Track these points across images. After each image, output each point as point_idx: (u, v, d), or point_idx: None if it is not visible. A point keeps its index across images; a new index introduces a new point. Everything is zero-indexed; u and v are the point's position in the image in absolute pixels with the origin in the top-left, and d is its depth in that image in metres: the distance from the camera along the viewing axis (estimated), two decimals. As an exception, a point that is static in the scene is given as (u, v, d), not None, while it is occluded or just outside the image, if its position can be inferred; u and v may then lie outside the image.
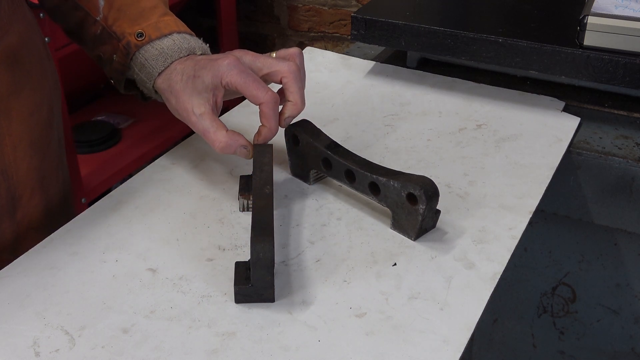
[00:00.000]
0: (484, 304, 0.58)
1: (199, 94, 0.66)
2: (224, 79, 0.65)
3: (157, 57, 0.69)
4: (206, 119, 0.65)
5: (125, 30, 0.70)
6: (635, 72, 0.82)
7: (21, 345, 0.55)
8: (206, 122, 0.65)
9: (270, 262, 0.57)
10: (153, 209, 0.70)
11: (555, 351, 0.99)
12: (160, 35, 0.70)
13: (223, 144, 0.65)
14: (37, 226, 0.73)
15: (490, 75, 0.96)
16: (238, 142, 0.66)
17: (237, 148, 0.66)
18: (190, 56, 0.69)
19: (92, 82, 1.99)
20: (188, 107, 0.66)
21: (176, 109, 0.67)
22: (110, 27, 0.71)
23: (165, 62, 0.69)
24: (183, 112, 0.66)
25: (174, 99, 0.67)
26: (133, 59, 0.70)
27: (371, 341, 0.55)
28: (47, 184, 0.75)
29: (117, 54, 0.71)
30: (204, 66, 0.66)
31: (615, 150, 0.82)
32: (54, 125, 0.77)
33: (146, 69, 0.69)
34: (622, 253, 0.89)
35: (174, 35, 0.70)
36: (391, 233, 0.67)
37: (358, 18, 0.94)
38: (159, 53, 0.69)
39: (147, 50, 0.69)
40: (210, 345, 0.55)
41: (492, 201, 0.71)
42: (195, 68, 0.66)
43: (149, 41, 0.70)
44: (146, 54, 0.69)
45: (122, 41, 0.70)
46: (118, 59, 0.71)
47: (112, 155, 1.77)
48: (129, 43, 0.70)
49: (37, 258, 0.64)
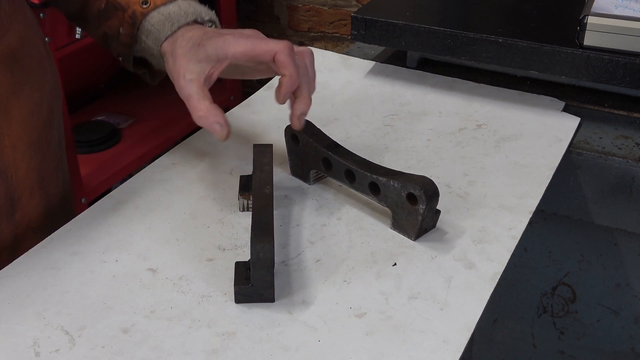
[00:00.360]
0: (484, 304, 0.58)
1: (197, 62, 0.65)
2: (229, 51, 0.64)
3: (163, 22, 0.68)
4: (194, 86, 0.64)
5: (130, 0, 0.70)
6: (635, 72, 0.82)
7: (21, 345, 0.55)
8: (193, 89, 0.64)
9: (270, 262, 0.57)
10: (153, 209, 0.70)
11: (555, 351, 0.99)
12: (165, 1, 0.70)
13: (202, 112, 0.63)
14: (36, 227, 0.73)
15: (490, 75, 0.96)
16: (216, 118, 0.63)
17: (214, 123, 0.64)
18: (198, 25, 0.69)
19: (92, 82, 1.99)
20: (181, 71, 0.65)
21: (171, 70, 0.66)
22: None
23: (172, 26, 0.68)
24: (175, 74, 0.65)
25: (172, 60, 0.66)
26: (140, 27, 0.70)
27: (371, 341, 0.55)
28: (47, 185, 0.75)
29: (124, 26, 0.70)
30: (211, 37, 0.65)
31: (615, 150, 0.82)
32: (54, 125, 0.76)
33: (153, 35, 0.69)
34: (622, 253, 0.89)
35: (179, 1, 0.70)
36: (391, 233, 0.67)
37: (358, 18, 0.94)
38: (165, 18, 0.68)
39: (153, 17, 0.69)
40: (210, 345, 0.55)
41: (492, 201, 0.71)
42: (203, 37, 0.65)
43: (154, 7, 0.69)
44: (152, 20, 0.69)
45: (128, 11, 0.70)
46: (125, 31, 0.70)
47: (112, 155, 1.77)
48: (135, 12, 0.69)
49: (37, 258, 0.64)
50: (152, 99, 2.02)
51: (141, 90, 2.07)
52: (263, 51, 0.64)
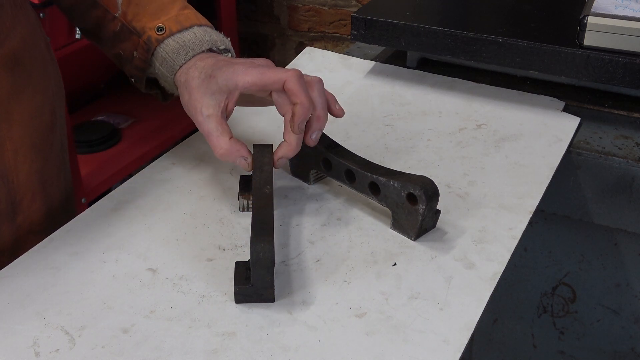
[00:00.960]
0: (484, 304, 0.58)
1: (211, 95, 0.65)
2: (239, 81, 0.64)
3: (178, 50, 0.68)
4: (212, 121, 0.65)
5: (146, 25, 0.69)
6: (635, 72, 0.82)
7: (21, 345, 0.55)
8: (212, 125, 0.65)
9: (270, 262, 0.57)
10: (153, 209, 0.70)
11: (555, 351, 0.99)
12: (181, 28, 0.69)
13: (224, 151, 0.65)
14: (38, 229, 0.72)
15: (490, 75, 0.96)
16: (239, 152, 0.65)
17: (237, 158, 0.66)
18: (212, 54, 0.69)
19: (92, 82, 1.99)
20: (197, 106, 0.65)
21: (187, 105, 0.67)
22: (130, 23, 0.70)
23: (186, 55, 0.68)
24: (192, 110, 0.66)
25: (187, 94, 0.66)
26: (154, 54, 0.69)
27: (371, 341, 0.55)
28: (48, 188, 0.74)
29: (138, 50, 0.70)
30: (221, 67, 0.65)
31: (615, 150, 0.82)
32: (57, 128, 0.76)
33: (167, 63, 0.69)
34: (622, 253, 0.89)
35: (195, 29, 0.69)
36: (391, 233, 0.67)
37: (358, 18, 0.94)
38: (180, 46, 0.68)
39: (168, 44, 0.69)
40: (210, 345, 0.55)
41: (492, 201, 0.71)
42: (214, 68, 0.65)
43: (170, 35, 0.69)
44: (167, 48, 0.69)
45: (143, 36, 0.69)
46: (139, 55, 0.70)
47: (112, 155, 1.77)
48: (150, 38, 0.69)
49: (37, 258, 0.64)
50: (152, 99, 2.01)
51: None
52: (272, 80, 0.64)
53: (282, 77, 0.63)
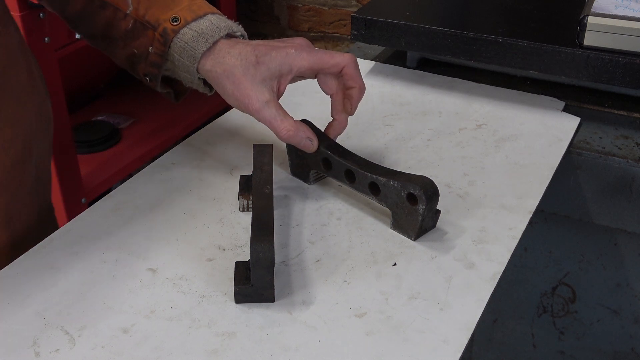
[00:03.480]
0: (484, 304, 0.58)
1: (263, 81, 0.65)
2: (294, 65, 0.65)
3: (197, 38, 0.67)
4: (272, 107, 0.65)
5: (159, 18, 0.68)
6: (635, 72, 0.82)
7: (21, 345, 0.55)
8: (272, 110, 0.65)
9: (270, 262, 0.57)
10: (153, 209, 0.70)
11: (555, 351, 0.99)
12: (195, 17, 0.68)
13: (291, 132, 0.66)
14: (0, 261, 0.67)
15: (490, 75, 0.96)
16: (305, 133, 0.67)
17: (303, 139, 0.67)
18: (235, 39, 0.68)
19: (92, 82, 1.99)
20: (251, 94, 0.65)
21: (234, 95, 0.66)
22: (143, 18, 0.68)
23: (206, 42, 0.66)
24: (244, 99, 0.65)
25: (231, 84, 0.65)
26: (171, 45, 0.68)
27: (371, 341, 0.55)
28: (15, 223, 0.70)
29: (154, 45, 0.68)
30: (267, 53, 0.65)
31: (615, 150, 0.82)
32: (32, 162, 0.71)
33: (187, 52, 0.67)
34: (622, 253, 0.89)
35: (209, 16, 0.68)
36: (391, 233, 0.67)
37: (358, 18, 0.94)
38: (198, 34, 0.67)
39: (185, 34, 0.67)
40: (210, 345, 0.55)
41: (492, 201, 0.71)
42: (257, 54, 0.65)
43: (185, 24, 0.67)
44: (185, 37, 0.67)
45: (158, 29, 0.68)
46: (155, 50, 0.68)
47: (112, 155, 1.76)
48: (166, 29, 0.67)
49: (37, 258, 0.64)
50: (152, 99, 2.02)
51: (141, 90, 2.07)
52: (330, 65, 0.67)
53: (340, 62, 0.67)
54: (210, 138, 0.82)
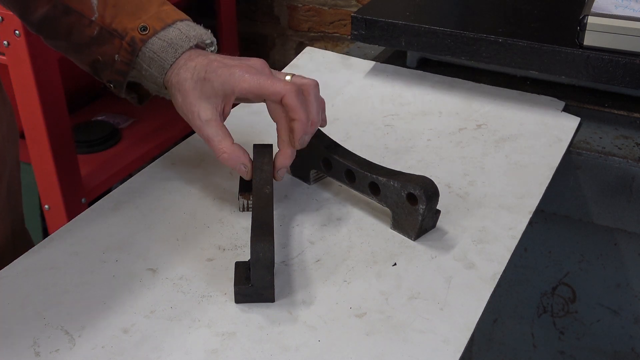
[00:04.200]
0: (484, 304, 0.58)
1: (207, 99, 0.64)
2: (236, 88, 0.63)
3: (166, 48, 0.66)
4: (212, 126, 0.64)
5: (127, 26, 0.66)
6: (635, 72, 0.82)
7: (21, 345, 0.55)
8: (212, 130, 0.64)
9: (270, 262, 0.57)
10: (153, 209, 0.70)
11: (555, 351, 0.99)
12: (164, 25, 0.67)
13: (227, 155, 0.64)
14: None
15: (490, 75, 0.96)
16: (240, 159, 0.65)
17: (238, 164, 0.65)
18: (200, 51, 0.67)
19: (92, 82, 1.98)
20: (194, 110, 0.64)
21: (182, 108, 0.65)
22: (110, 26, 0.67)
23: (175, 53, 0.66)
24: (188, 114, 0.64)
25: (181, 97, 0.65)
26: (139, 55, 0.67)
27: (371, 341, 0.55)
28: None
29: (120, 53, 0.67)
30: (215, 70, 0.64)
31: (615, 150, 0.82)
32: (6, 174, 0.71)
33: (156, 63, 0.66)
34: (622, 253, 0.89)
35: (178, 24, 0.67)
36: (391, 233, 0.67)
37: (358, 18, 0.94)
38: (167, 44, 0.66)
39: (154, 43, 0.66)
40: (210, 345, 0.55)
41: (492, 201, 0.71)
42: (207, 70, 0.64)
43: (154, 33, 0.66)
44: (153, 47, 0.66)
45: (126, 38, 0.66)
46: (121, 58, 0.67)
47: (112, 155, 1.76)
48: (134, 39, 0.66)
49: (37, 258, 0.64)
50: (152, 99, 2.02)
51: (141, 90, 2.07)
52: (269, 92, 0.63)
53: (279, 91, 0.63)
54: (210, 138, 0.82)
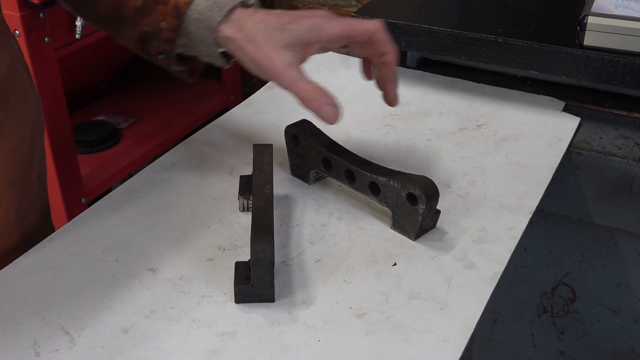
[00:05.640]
0: (484, 304, 0.58)
1: (287, 47, 0.62)
2: (323, 35, 0.63)
3: (211, 7, 0.64)
4: (296, 70, 0.62)
5: None
6: (635, 72, 0.82)
7: (21, 345, 0.55)
8: (295, 72, 0.62)
9: (270, 262, 0.57)
10: (153, 209, 0.70)
11: (555, 351, 0.99)
12: None
13: (313, 94, 0.61)
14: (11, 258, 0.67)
15: (490, 75, 0.96)
16: (328, 99, 0.62)
17: (324, 104, 0.61)
18: (258, 9, 0.65)
19: (92, 82, 1.99)
20: (273, 57, 0.61)
21: (254, 58, 0.63)
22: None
23: (220, 11, 0.64)
24: (265, 62, 0.62)
25: (252, 47, 0.62)
26: (185, 18, 0.65)
27: (371, 341, 0.55)
28: (25, 222, 0.71)
29: (166, 19, 0.66)
30: (293, 21, 0.63)
31: (615, 150, 0.82)
32: (35, 161, 0.72)
33: (203, 23, 0.65)
34: (622, 253, 0.89)
35: None
36: (391, 233, 0.67)
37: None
38: (212, 4, 0.64)
39: (199, 4, 0.65)
40: (210, 345, 0.55)
41: (492, 201, 0.71)
42: (281, 22, 0.63)
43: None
44: (198, 8, 0.65)
45: (170, 3, 0.65)
46: (167, 25, 0.66)
47: (112, 155, 1.77)
48: (178, 3, 0.65)
49: (37, 258, 0.64)
50: (152, 99, 2.02)
51: (141, 90, 2.07)
52: (360, 32, 0.64)
53: (369, 28, 0.64)
54: (210, 138, 0.82)
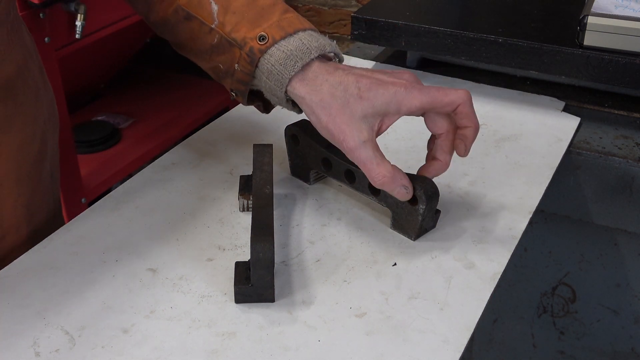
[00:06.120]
0: (484, 304, 0.58)
1: (364, 119, 0.59)
2: (404, 105, 0.60)
3: (285, 60, 0.61)
4: (369, 148, 0.59)
5: (246, 36, 0.63)
6: (635, 72, 0.82)
7: (21, 345, 0.55)
8: (369, 152, 0.59)
9: (270, 262, 0.57)
10: (153, 209, 0.70)
11: (555, 351, 0.99)
12: (285, 35, 0.62)
13: (387, 179, 0.60)
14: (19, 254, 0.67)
15: (490, 75, 0.96)
16: (402, 181, 0.61)
17: (398, 186, 0.61)
18: (337, 65, 0.63)
19: (92, 82, 1.99)
20: (347, 131, 0.59)
21: (328, 127, 0.60)
22: (229, 34, 0.63)
23: (295, 65, 0.61)
24: (338, 134, 0.60)
25: (326, 115, 0.60)
26: (258, 65, 0.63)
27: (371, 341, 0.55)
28: (35, 219, 0.71)
29: (240, 63, 0.63)
30: (372, 89, 0.60)
31: (615, 150, 0.82)
32: (47, 158, 0.72)
33: (274, 76, 0.62)
34: (622, 253, 0.89)
35: (300, 34, 0.63)
36: (391, 233, 0.67)
37: (358, 18, 0.94)
38: (286, 56, 0.61)
39: (273, 54, 0.62)
40: (210, 345, 0.55)
41: (492, 201, 0.71)
42: (360, 87, 0.60)
43: (273, 43, 0.62)
44: (272, 59, 0.62)
45: (245, 48, 0.62)
46: (241, 68, 0.63)
47: (112, 155, 1.77)
48: (252, 49, 0.62)
49: (37, 258, 0.64)
50: (152, 99, 2.02)
51: (141, 90, 2.07)
52: (444, 104, 0.61)
53: (455, 100, 0.61)
54: (210, 138, 0.82)
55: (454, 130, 0.63)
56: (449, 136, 0.63)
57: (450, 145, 0.64)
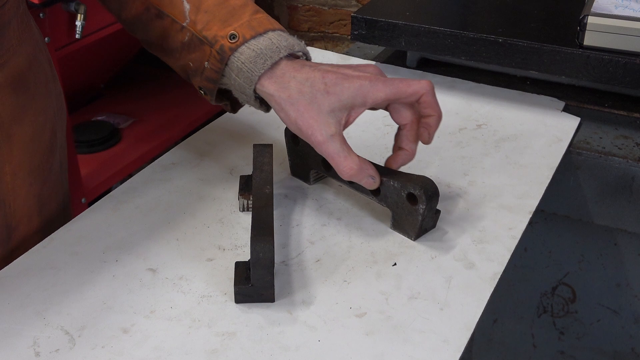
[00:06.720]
0: (484, 304, 0.58)
1: (331, 113, 0.61)
2: (369, 97, 0.62)
3: (254, 58, 0.62)
4: (337, 141, 0.61)
5: (217, 34, 0.64)
6: (635, 72, 0.82)
7: (21, 345, 0.55)
8: (336, 145, 0.61)
9: (270, 262, 0.57)
10: (153, 209, 0.70)
11: (555, 351, 0.99)
12: (255, 34, 0.63)
13: (354, 171, 0.62)
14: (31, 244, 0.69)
15: (490, 75, 0.96)
16: (368, 172, 0.63)
17: (365, 177, 0.63)
18: (304, 62, 0.64)
19: (92, 82, 1.99)
20: (314, 125, 0.61)
21: (296, 123, 0.62)
22: (200, 32, 0.64)
23: (264, 63, 0.62)
24: (307, 129, 0.61)
25: (295, 111, 0.62)
26: (228, 63, 0.64)
27: (371, 341, 0.55)
28: (46, 210, 0.72)
29: (210, 61, 0.64)
30: (338, 82, 0.62)
31: (615, 150, 0.82)
32: (57, 149, 0.73)
33: (244, 73, 0.63)
34: (622, 253, 0.89)
35: (270, 34, 0.64)
36: (391, 233, 0.67)
37: (358, 18, 0.94)
38: (256, 55, 0.63)
39: (243, 52, 0.63)
40: (210, 345, 0.55)
41: (492, 201, 0.71)
42: (326, 82, 0.62)
43: (244, 42, 0.63)
44: (242, 57, 0.63)
45: (215, 46, 0.64)
46: (211, 65, 0.65)
47: (112, 155, 1.77)
48: (223, 47, 0.63)
49: (37, 258, 0.64)
50: (152, 99, 2.02)
51: (141, 90, 2.07)
52: (408, 94, 0.63)
53: (418, 90, 0.63)
54: (210, 138, 0.82)
55: (417, 120, 0.66)
56: (413, 126, 0.65)
57: (415, 135, 0.66)
